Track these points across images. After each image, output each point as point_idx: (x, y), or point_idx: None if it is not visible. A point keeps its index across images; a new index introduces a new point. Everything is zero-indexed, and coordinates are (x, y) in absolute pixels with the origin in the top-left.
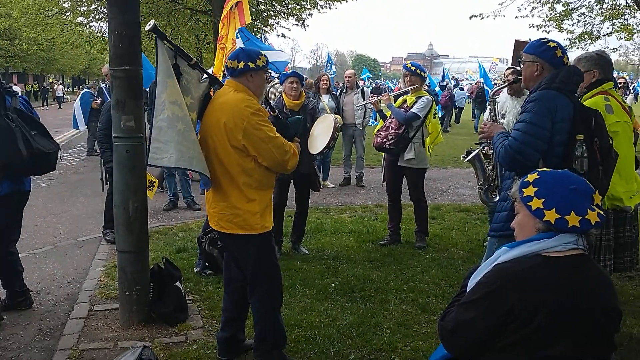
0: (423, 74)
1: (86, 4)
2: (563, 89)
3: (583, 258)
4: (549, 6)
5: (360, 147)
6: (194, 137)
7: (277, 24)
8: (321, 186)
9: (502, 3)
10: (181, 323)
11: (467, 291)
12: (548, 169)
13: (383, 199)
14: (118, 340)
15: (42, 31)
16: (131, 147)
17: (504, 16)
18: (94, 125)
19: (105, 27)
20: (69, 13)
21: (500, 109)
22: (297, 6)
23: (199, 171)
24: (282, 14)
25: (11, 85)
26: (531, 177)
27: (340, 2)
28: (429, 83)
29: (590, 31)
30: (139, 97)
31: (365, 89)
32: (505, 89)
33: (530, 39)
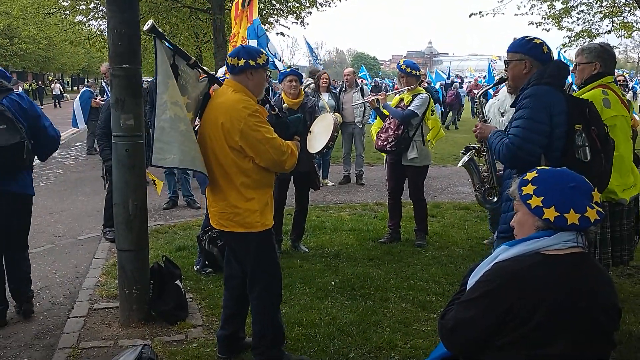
0: (418, 73)
1: (85, 3)
2: (553, 84)
3: (582, 256)
4: (549, 4)
5: (359, 145)
6: (194, 138)
7: (277, 22)
8: (321, 184)
9: (502, 1)
10: (181, 321)
11: (467, 289)
12: (547, 167)
13: (382, 197)
14: (118, 338)
15: (41, 30)
16: (131, 146)
17: (504, 14)
18: (94, 123)
19: (104, 26)
20: (68, 11)
21: (500, 107)
22: (297, 4)
23: (201, 171)
24: (282, 12)
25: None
26: (530, 175)
27: (339, 0)
28: (430, 80)
29: (589, 29)
30: (139, 96)
31: (364, 87)
32: (504, 88)
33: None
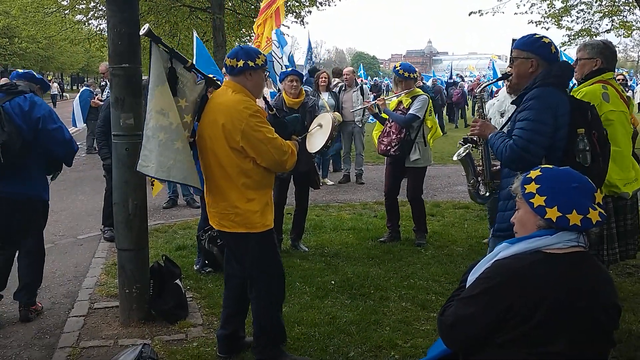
0: (415, 76)
1: (85, 2)
2: (558, 85)
3: (583, 255)
4: (548, 3)
5: (359, 144)
6: (178, 145)
7: None
8: (321, 183)
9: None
10: (181, 321)
11: (467, 286)
12: (550, 166)
13: (382, 196)
14: (118, 338)
15: (41, 29)
16: (131, 145)
17: (503, 12)
18: (94, 123)
19: (104, 25)
20: (68, 11)
21: (499, 107)
22: (297, 3)
23: (177, 182)
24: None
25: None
26: (533, 174)
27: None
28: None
29: (589, 28)
30: (138, 95)
31: (364, 87)
32: (504, 87)
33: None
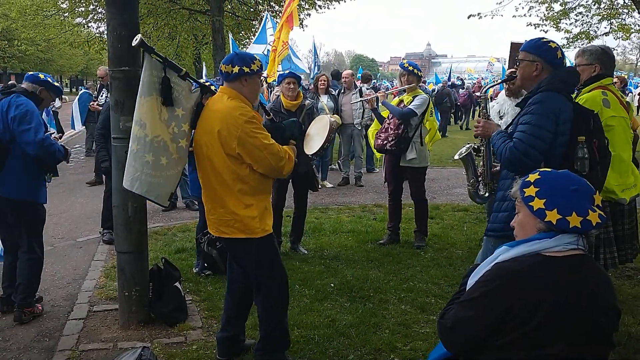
0: (419, 73)
1: (84, 5)
2: (562, 90)
3: (583, 258)
4: (547, 5)
5: (358, 147)
6: (149, 159)
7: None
8: (320, 186)
9: (500, 2)
10: (180, 323)
11: (467, 289)
12: (549, 169)
13: (381, 199)
14: (117, 340)
15: (40, 32)
16: None
17: (502, 15)
18: (93, 125)
19: (103, 28)
20: (67, 14)
21: (499, 110)
22: (296, 6)
23: (140, 194)
24: (280, 14)
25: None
26: (532, 177)
27: (338, 2)
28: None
29: (587, 31)
30: None
31: (363, 89)
32: (503, 91)
33: (526, 41)
